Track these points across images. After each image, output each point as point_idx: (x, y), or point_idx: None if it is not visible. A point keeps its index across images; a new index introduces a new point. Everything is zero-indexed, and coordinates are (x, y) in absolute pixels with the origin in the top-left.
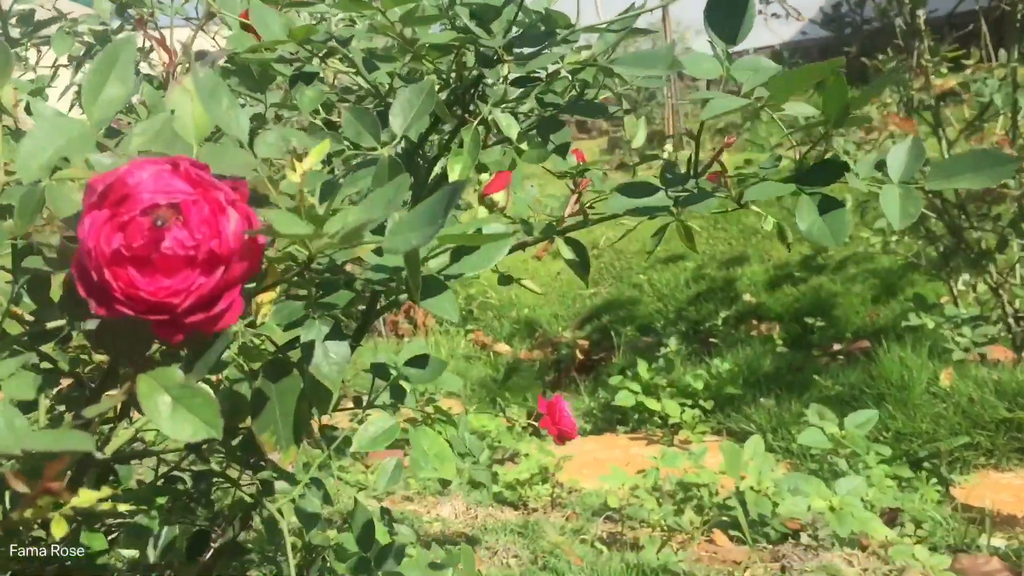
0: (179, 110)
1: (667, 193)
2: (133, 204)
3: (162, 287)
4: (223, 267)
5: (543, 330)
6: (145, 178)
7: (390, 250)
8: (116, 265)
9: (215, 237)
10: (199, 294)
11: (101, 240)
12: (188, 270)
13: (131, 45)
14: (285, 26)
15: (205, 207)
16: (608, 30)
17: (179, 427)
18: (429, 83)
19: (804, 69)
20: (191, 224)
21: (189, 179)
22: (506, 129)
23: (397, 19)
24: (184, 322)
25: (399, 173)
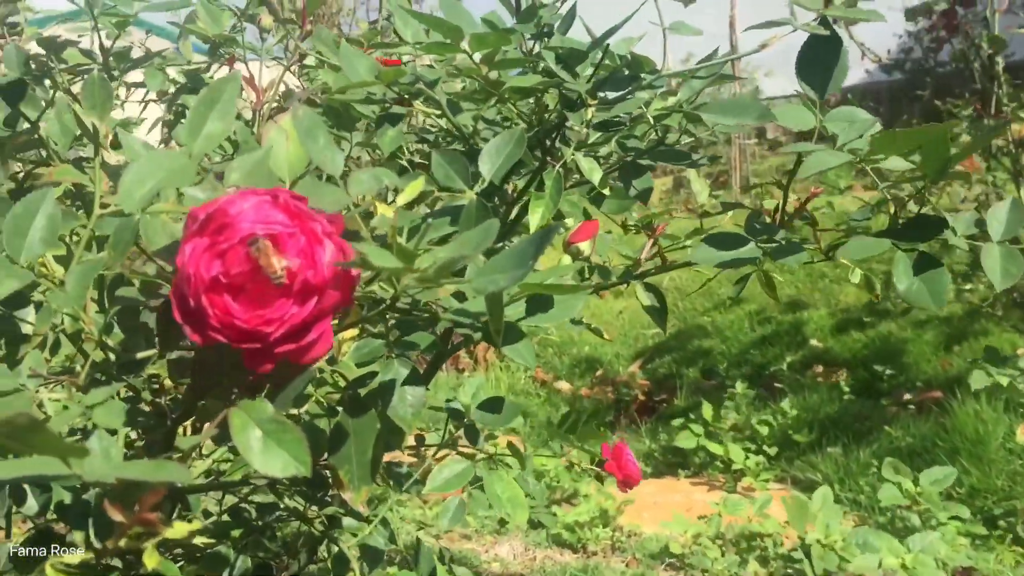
0: (276, 147)
1: (756, 244)
2: (233, 233)
3: (256, 315)
4: (316, 297)
5: (604, 368)
6: (246, 208)
7: (477, 290)
8: (213, 292)
9: (310, 268)
10: (291, 323)
11: (200, 267)
12: (282, 299)
13: (235, 83)
14: (372, 68)
15: (302, 238)
16: (695, 76)
17: (270, 462)
18: (519, 132)
19: (909, 132)
20: (287, 253)
21: (288, 210)
22: (588, 173)
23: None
24: (275, 351)
25: (486, 217)
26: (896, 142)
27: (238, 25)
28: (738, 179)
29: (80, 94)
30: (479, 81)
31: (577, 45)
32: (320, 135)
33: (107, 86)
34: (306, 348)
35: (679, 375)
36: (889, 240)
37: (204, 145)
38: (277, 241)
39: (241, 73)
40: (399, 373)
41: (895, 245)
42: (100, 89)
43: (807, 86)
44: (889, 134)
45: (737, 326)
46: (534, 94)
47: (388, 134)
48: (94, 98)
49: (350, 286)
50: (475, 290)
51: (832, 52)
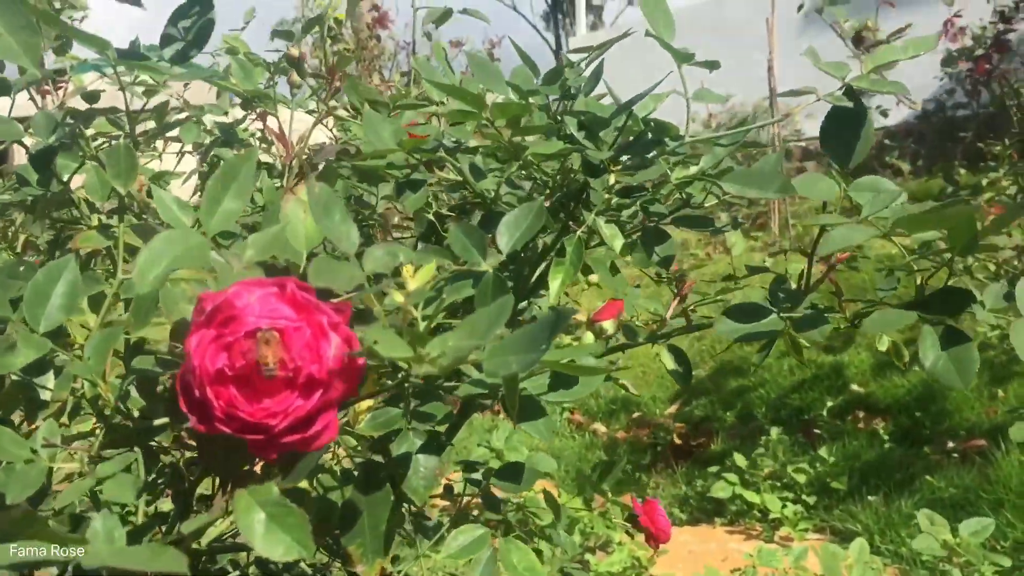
0: (292, 219)
1: (779, 315)
2: (239, 326)
3: (260, 408)
4: (321, 390)
5: (641, 411)
6: (252, 301)
7: (489, 373)
8: (218, 384)
9: (315, 362)
10: (296, 416)
11: (206, 359)
12: (287, 392)
13: (252, 161)
14: (395, 134)
15: (307, 331)
16: (717, 143)
17: (271, 546)
18: (539, 204)
19: (935, 212)
20: (292, 349)
21: (294, 303)
22: (609, 240)
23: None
24: (280, 442)
25: (503, 292)
26: (921, 222)
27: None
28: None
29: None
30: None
31: (601, 109)
32: (335, 211)
33: (131, 155)
34: (311, 439)
35: (716, 418)
36: (915, 312)
37: (220, 223)
38: (283, 336)
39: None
40: (414, 444)
41: (921, 318)
42: (124, 158)
43: (831, 157)
44: (914, 216)
45: (775, 369)
46: (556, 158)
47: (411, 197)
48: (119, 167)
49: (356, 377)
50: (487, 373)
51: (855, 124)
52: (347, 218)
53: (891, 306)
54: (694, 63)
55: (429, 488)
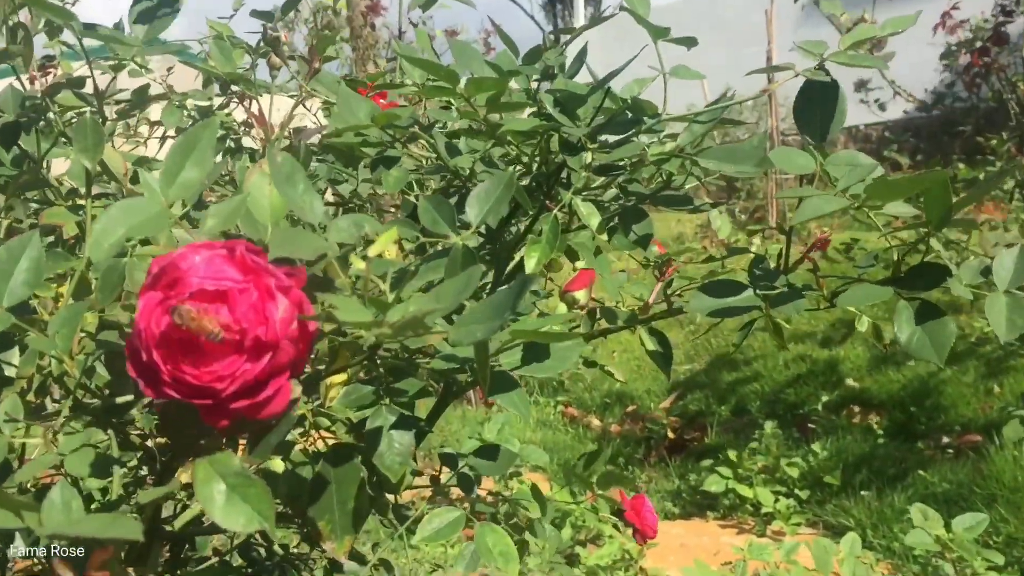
0: (257, 192)
1: (756, 292)
2: (183, 287)
3: (207, 371)
4: (270, 353)
5: (635, 404)
6: (197, 262)
7: (455, 342)
8: (164, 347)
9: (262, 324)
10: (243, 380)
11: (151, 321)
12: (235, 356)
13: (212, 129)
14: (370, 112)
15: (253, 294)
16: (696, 120)
17: (231, 517)
18: (509, 175)
19: (907, 179)
20: (237, 311)
21: (242, 266)
22: (586, 218)
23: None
24: (228, 408)
25: (472, 263)
26: (893, 189)
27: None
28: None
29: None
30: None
31: (578, 88)
32: (299, 181)
33: (98, 129)
34: (262, 404)
35: (710, 412)
36: (892, 288)
37: (179, 192)
38: (229, 298)
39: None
40: (387, 420)
41: (898, 293)
42: (91, 132)
43: (804, 131)
44: (885, 181)
45: (770, 363)
46: (534, 136)
47: (392, 175)
48: (85, 141)
49: (308, 341)
50: (452, 342)
51: (829, 98)
52: (311, 189)
53: (869, 283)
54: (669, 39)
55: (404, 465)
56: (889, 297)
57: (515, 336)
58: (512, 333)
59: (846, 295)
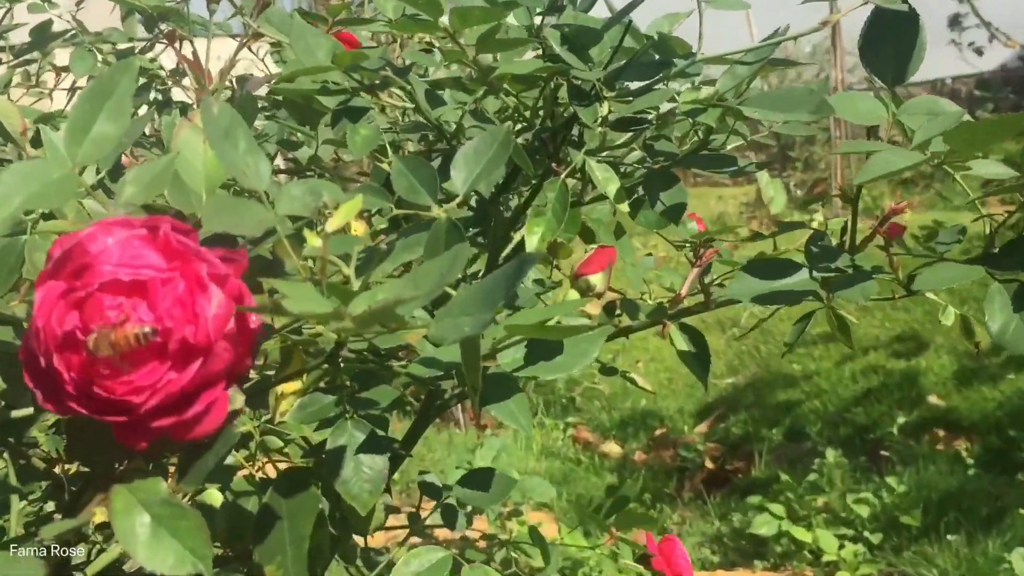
0: (188, 152)
1: (812, 274)
2: (92, 276)
3: (122, 382)
4: (200, 359)
5: (664, 427)
6: (110, 245)
7: (437, 338)
8: (69, 351)
9: (191, 322)
10: (167, 392)
11: (52, 319)
12: (156, 362)
13: (131, 74)
14: (332, 51)
15: (180, 285)
16: (740, 61)
17: (158, 556)
18: (504, 130)
19: (995, 120)
20: (160, 306)
21: (166, 249)
22: (602, 184)
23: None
24: (150, 426)
25: (458, 240)
26: (976, 136)
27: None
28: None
29: None
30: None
31: (592, 22)
32: (240, 137)
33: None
34: (190, 422)
35: (758, 437)
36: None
37: (91, 152)
38: (148, 290)
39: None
40: (353, 438)
41: (990, 274)
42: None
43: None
44: (972, 124)
45: (834, 376)
46: (536, 83)
47: (360, 133)
48: None
49: (249, 343)
50: (433, 338)
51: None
52: (255, 147)
53: (954, 262)
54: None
55: (374, 494)
56: (978, 278)
57: (511, 332)
58: (508, 328)
59: (925, 276)
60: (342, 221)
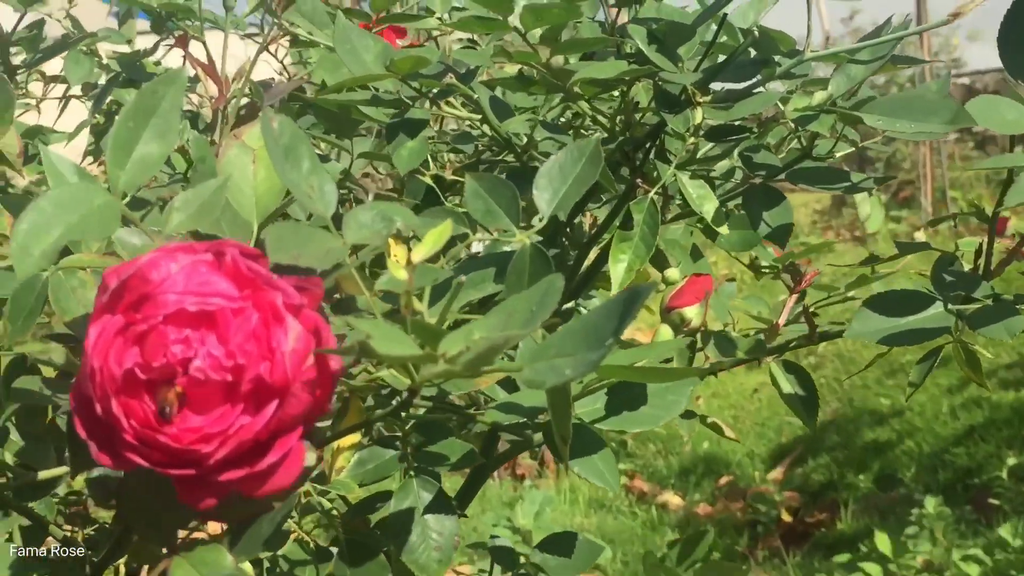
0: (236, 174)
1: (947, 307)
2: (155, 308)
3: (189, 428)
4: (276, 401)
5: (732, 474)
6: (174, 273)
7: (530, 383)
8: (129, 394)
9: (265, 359)
10: (239, 439)
11: (110, 358)
12: (226, 405)
13: (178, 87)
14: (382, 56)
15: (253, 315)
16: (854, 60)
17: None
18: (593, 144)
19: None
20: (232, 340)
21: (236, 276)
22: (696, 202)
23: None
24: (218, 479)
25: (546, 271)
26: None
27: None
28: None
29: None
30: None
31: (679, 16)
32: (304, 157)
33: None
34: (263, 475)
35: (842, 484)
36: None
37: (135, 175)
38: (218, 322)
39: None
40: (420, 499)
41: None
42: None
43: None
44: None
45: (930, 411)
46: (617, 88)
47: (406, 147)
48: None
49: (330, 383)
50: (527, 383)
51: None
52: (319, 167)
53: None
54: None
55: (445, 563)
56: None
57: (604, 374)
58: (604, 370)
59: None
60: (431, 250)
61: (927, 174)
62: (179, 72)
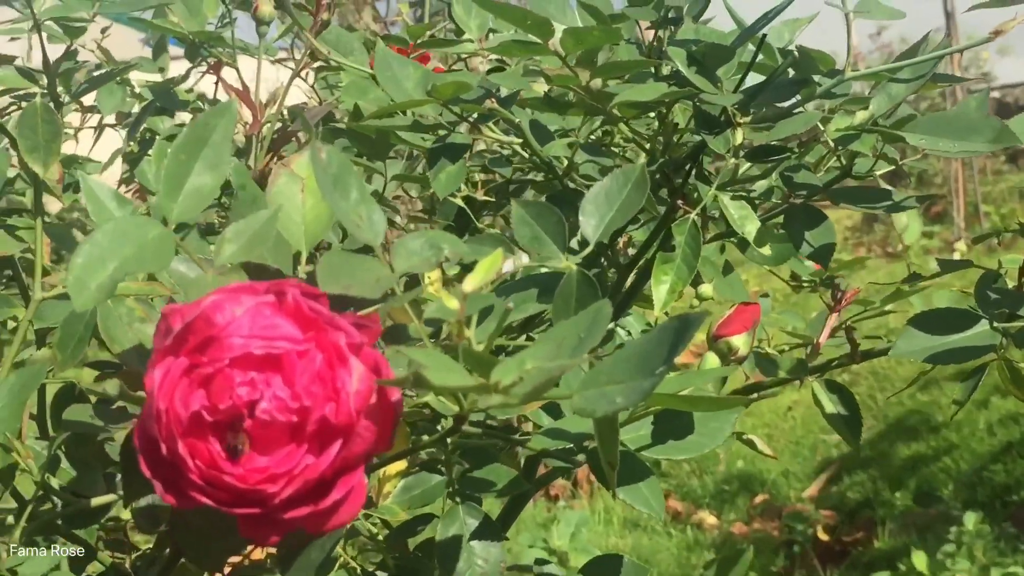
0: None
1: (992, 325)
2: (221, 351)
3: (255, 469)
4: (340, 440)
5: (767, 493)
6: (239, 316)
7: (583, 411)
8: (195, 436)
9: (330, 400)
10: (306, 479)
11: (176, 400)
12: (292, 445)
13: (230, 118)
14: (422, 82)
15: (318, 357)
16: (895, 79)
17: None
18: (639, 169)
19: None
20: (297, 382)
21: (298, 316)
22: (738, 223)
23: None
24: (283, 517)
25: (593, 297)
26: None
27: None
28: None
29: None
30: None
31: (718, 37)
32: (352, 186)
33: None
34: (327, 512)
35: (879, 502)
36: None
37: (188, 207)
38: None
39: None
40: (466, 526)
41: None
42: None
43: None
44: None
45: (967, 427)
46: (656, 109)
47: (444, 172)
48: (36, 136)
49: (391, 419)
50: (579, 411)
51: None
52: (368, 196)
53: None
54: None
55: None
56: None
57: (653, 402)
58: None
59: None
60: (484, 278)
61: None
62: (230, 104)
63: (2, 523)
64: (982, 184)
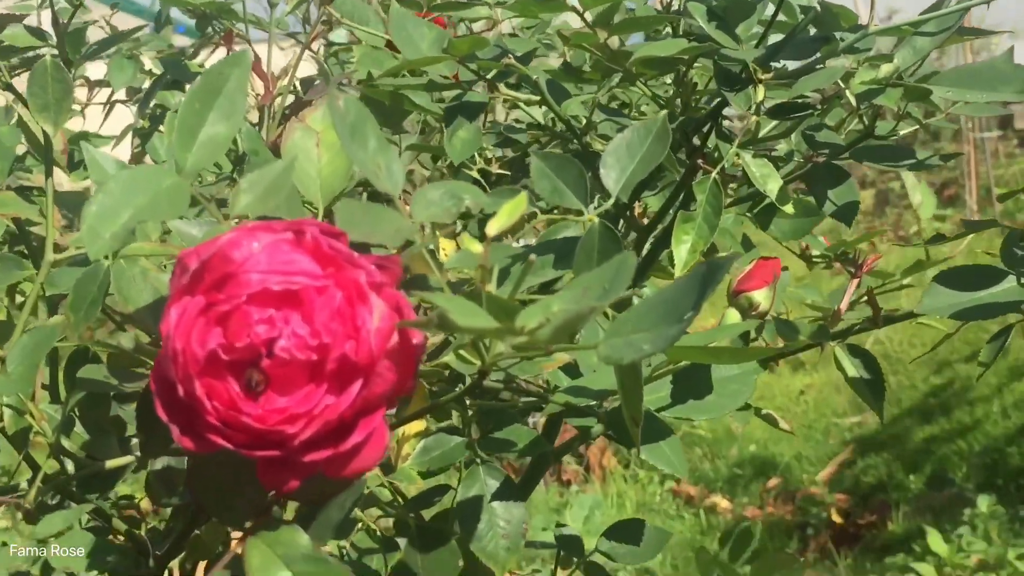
0: (301, 157)
1: (1019, 281)
2: (238, 287)
3: (274, 409)
4: (361, 380)
5: (780, 477)
6: (256, 251)
7: (609, 359)
8: (212, 375)
9: (350, 337)
10: (326, 419)
11: (192, 339)
12: (311, 385)
13: (244, 66)
14: (438, 40)
15: (337, 294)
16: (920, 32)
17: None
18: (660, 121)
19: None
20: (316, 319)
21: (318, 254)
22: (760, 180)
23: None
24: (303, 460)
25: (616, 249)
26: None
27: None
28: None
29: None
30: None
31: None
32: (371, 136)
33: (64, 76)
34: (348, 455)
35: (893, 485)
36: None
37: (202, 156)
38: (300, 301)
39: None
40: (487, 487)
41: None
42: (54, 81)
43: None
44: None
45: (981, 410)
46: (675, 68)
47: (460, 134)
48: (46, 94)
49: (413, 361)
50: (605, 359)
51: None
52: (386, 145)
53: None
54: None
55: (513, 551)
56: None
57: (676, 355)
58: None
59: None
60: (506, 223)
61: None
62: (244, 54)
63: (15, 488)
64: (995, 167)
